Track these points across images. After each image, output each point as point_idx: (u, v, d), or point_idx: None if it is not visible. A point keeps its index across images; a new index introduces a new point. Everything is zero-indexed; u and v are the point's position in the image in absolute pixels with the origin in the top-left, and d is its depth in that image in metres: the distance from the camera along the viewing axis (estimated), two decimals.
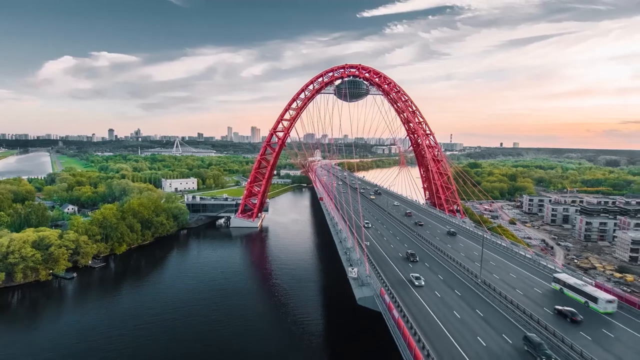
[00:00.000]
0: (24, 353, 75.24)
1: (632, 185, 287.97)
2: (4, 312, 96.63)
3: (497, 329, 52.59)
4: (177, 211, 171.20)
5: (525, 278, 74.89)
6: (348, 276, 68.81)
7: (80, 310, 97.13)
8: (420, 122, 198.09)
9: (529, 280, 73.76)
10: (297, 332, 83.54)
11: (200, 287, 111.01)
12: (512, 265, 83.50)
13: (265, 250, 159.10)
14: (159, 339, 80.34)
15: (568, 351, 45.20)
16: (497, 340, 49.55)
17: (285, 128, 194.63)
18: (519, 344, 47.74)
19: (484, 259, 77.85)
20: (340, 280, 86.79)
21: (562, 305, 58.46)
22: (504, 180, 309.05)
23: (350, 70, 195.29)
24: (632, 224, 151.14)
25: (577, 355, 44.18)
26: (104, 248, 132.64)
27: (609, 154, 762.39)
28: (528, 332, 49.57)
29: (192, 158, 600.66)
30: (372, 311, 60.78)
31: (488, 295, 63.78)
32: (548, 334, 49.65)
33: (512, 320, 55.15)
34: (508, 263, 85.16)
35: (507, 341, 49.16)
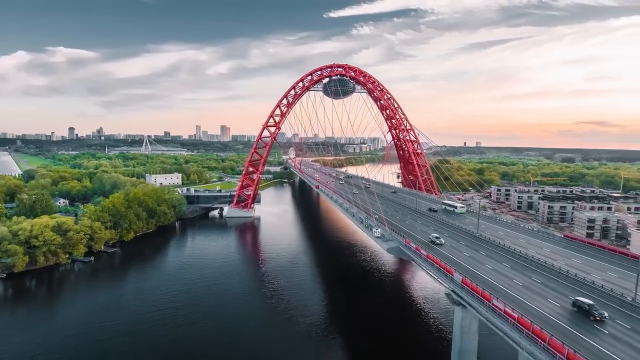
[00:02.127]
0: (78, 323, 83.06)
1: (586, 177, 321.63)
2: (40, 291, 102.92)
3: (498, 260, 67.87)
4: (175, 202, 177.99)
5: (505, 229, 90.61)
6: (373, 236, 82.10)
7: (111, 287, 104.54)
8: (402, 118, 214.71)
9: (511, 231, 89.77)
10: (301, 292, 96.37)
11: (217, 265, 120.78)
12: (497, 227, 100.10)
13: (266, 236, 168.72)
14: (186, 308, 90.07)
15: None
16: (500, 266, 64.56)
17: (276, 123, 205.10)
18: (510, 265, 63.95)
19: (475, 224, 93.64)
20: (331, 255, 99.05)
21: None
22: (472, 174, 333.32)
23: (338, 70, 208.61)
24: (588, 207, 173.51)
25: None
26: (114, 235, 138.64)
27: (564, 152, 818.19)
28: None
29: (165, 156, 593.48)
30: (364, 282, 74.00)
31: (492, 246, 79.18)
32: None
33: (504, 255, 70.48)
34: (494, 225, 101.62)
35: (505, 266, 64.79)
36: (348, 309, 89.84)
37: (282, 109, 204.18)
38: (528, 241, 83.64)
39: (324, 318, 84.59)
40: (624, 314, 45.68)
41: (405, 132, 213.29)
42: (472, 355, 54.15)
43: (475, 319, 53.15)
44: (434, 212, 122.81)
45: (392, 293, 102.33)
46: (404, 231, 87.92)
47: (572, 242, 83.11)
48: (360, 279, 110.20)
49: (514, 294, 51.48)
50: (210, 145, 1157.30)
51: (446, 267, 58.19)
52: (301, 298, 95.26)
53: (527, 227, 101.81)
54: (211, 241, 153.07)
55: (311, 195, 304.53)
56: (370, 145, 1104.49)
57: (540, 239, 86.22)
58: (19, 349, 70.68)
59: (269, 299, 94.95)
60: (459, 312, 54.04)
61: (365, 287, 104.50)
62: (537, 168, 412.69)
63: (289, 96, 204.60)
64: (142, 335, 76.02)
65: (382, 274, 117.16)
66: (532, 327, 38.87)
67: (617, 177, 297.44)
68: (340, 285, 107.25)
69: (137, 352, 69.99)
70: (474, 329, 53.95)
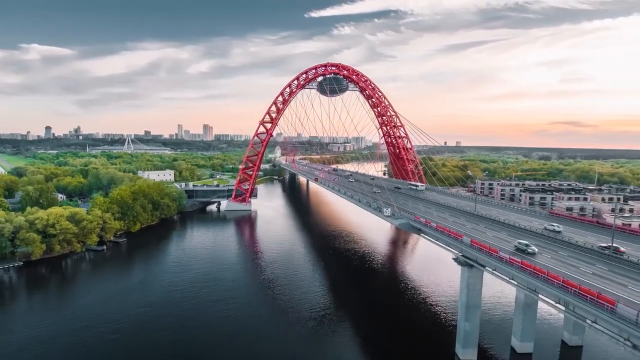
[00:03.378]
0: (113, 301, 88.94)
1: (563, 172, 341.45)
2: (63, 277, 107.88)
3: (497, 230, 77.24)
4: (176, 195, 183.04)
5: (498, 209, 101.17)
6: (383, 216, 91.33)
7: (129, 273, 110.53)
8: (392, 115, 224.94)
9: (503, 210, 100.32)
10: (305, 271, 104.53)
11: (227, 253, 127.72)
12: (491, 207, 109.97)
13: (267, 227, 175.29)
14: (199, 289, 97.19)
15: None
16: (498, 234, 74.11)
17: (272, 119, 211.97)
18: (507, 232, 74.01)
19: (465, 205, 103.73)
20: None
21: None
22: (456, 170, 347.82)
23: (331, 69, 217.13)
24: (565, 198, 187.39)
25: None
26: (122, 226, 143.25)
27: (541, 151, 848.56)
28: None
29: (149, 155, 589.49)
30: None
31: (490, 221, 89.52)
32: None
33: (500, 226, 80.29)
34: (488, 207, 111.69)
35: (503, 234, 74.48)
36: (342, 282, 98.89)
37: (278, 105, 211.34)
38: (518, 217, 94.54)
39: (322, 291, 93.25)
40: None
41: (395, 128, 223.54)
42: (477, 309, 63.41)
43: (480, 277, 62.49)
44: (398, 190, 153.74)
45: (385, 269, 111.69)
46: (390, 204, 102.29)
47: (557, 217, 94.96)
48: (354, 258, 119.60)
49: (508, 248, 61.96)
50: (193, 145, 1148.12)
51: (457, 233, 67.75)
52: (303, 275, 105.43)
53: (517, 207, 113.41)
54: (217, 232, 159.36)
55: (301, 191, 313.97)
56: (354, 145, 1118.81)
57: (528, 216, 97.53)
58: (55, 327, 76.35)
59: (277, 279, 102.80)
60: (465, 272, 63.18)
61: (358, 264, 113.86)
62: (516, 165, 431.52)
63: (285, 93, 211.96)
64: (172, 306, 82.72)
65: (374, 253, 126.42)
66: (533, 267, 48.51)
67: (591, 172, 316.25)
68: (335, 262, 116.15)
69: (177, 315, 76.75)
70: (478, 286, 63.16)
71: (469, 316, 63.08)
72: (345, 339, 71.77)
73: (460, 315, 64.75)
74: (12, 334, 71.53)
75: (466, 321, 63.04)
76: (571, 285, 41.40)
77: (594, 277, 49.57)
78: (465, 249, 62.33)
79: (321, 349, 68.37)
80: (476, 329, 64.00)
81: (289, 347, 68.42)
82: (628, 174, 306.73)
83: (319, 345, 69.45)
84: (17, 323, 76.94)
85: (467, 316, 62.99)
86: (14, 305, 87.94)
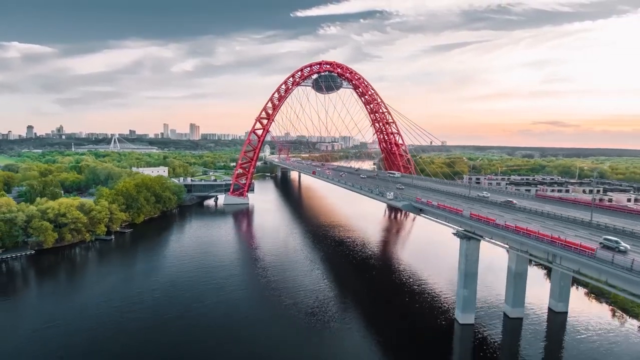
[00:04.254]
0: (126, 285, 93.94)
1: (546, 168, 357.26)
2: (77, 264, 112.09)
3: (491, 208, 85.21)
4: (177, 189, 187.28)
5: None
6: (387, 199, 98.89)
7: (138, 260, 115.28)
8: (384, 112, 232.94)
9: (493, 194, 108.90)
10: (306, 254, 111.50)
11: (230, 242, 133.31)
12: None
13: (266, 219, 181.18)
14: (206, 273, 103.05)
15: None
16: (493, 210, 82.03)
17: (269, 115, 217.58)
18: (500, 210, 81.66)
19: (459, 191, 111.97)
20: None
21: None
22: (444, 167, 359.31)
23: (326, 67, 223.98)
24: (548, 190, 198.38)
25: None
26: (127, 217, 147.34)
27: (524, 150, 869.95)
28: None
29: (137, 154, 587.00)
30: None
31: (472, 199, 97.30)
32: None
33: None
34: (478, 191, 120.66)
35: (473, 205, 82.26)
36: (340, 263, 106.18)
37: (274, 102, 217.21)
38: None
39: (322, 269, 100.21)
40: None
41: (388, 125, 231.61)
42: (474, 277, 70.95)
43: (477, 248, 70.18)
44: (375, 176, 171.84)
45: (380, 252, 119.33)
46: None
47: (543, 199, 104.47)
48: (349, 242, 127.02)
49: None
50: (180, 144, 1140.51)
51: (457, 209, 75.48)
52: (303, 258, 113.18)
53: (504, 191, 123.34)
54: (219, 224, 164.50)
55: (293, 186, 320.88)
56: (342, 144, 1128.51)
57: (518, 198, 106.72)
58: (82, 305, 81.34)
59: (279, 263, 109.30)
60: (463, 244, 70.72)
61: (353, 248, 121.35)
62: (501, 162, 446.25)
63: (281, 90, 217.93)
64: (183, 287, 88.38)
65: (367, 238, 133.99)
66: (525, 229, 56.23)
67: (573, 167, 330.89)
68: (333, 246, 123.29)
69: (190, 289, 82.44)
70: (475, 256, 70.73)
71: (467, 284, 70.61)
72: (349, 312, 78.61)
73: (459, 283, 72.26)
74: (50, 313, 76.29)
75: (464, 288, 70.57)
76: (557, 240, 49.15)
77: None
78: (464, 221, 69.96)
79: (325, 318, 74.94)
80: (474, 296, 71.63)
81: (287, 311, 74.87)
82: (608, 170, 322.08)
83: (322, 315, 76.05)
84: (47, 305, 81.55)
85: (466, 284, 70.51)
86: (38, 289, 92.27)
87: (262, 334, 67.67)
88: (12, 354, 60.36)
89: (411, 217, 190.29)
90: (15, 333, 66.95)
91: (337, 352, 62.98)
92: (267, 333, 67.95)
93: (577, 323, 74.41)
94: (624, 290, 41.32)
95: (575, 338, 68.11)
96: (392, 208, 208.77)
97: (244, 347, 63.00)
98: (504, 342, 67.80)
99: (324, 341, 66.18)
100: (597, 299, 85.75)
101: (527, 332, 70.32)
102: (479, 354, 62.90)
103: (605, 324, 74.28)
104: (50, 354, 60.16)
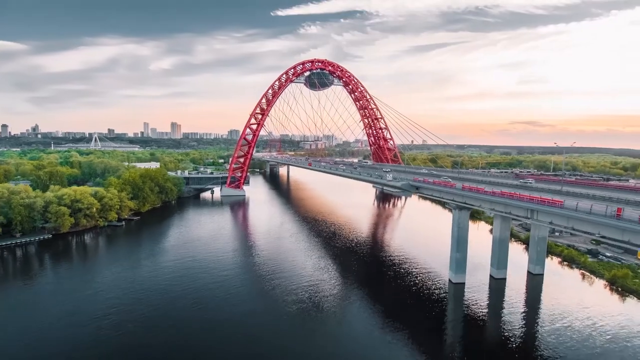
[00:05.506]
0: (147, 261, 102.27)
1: (522, 163, 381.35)
2: (96, 246, 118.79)
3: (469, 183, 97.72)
4: (177, 181, 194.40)
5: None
6: (386, 181, 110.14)
7: (151, 242, 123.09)
8: (373, 108, 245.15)
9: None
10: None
11: (231, 229, 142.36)
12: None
13: (263, 209, 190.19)
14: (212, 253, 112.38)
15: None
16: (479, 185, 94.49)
17: (263, 110, 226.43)
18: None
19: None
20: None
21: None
22: (427, 162, 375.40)
23: (318, 64, 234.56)
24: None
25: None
26: (135, 206, 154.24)
27: (502, 149, 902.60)
28: None
29: (121, 152, 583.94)
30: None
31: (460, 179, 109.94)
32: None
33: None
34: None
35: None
36: (336, 242, 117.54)
37: (268, 97, 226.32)
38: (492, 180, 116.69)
39: (320, 245, 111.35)
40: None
41: (377, 120, 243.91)
42: (465, 242, 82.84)
43: (467, 217, 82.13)
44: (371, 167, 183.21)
45: (372, 233, 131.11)
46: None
47: (520, 178, 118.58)
48: (342, 226, 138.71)
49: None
50: (162, 142, 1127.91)
51: (451, 183, 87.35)
52: (302, 239, 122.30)
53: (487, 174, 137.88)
54: (219, 213, 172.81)
55: (282, 181, 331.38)
56: (325, 142, 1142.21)
57: (498, 179, 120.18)
58: (107, 280, 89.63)
59: (278, 245, 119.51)
60: (456, 213, 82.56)
61: (346, 231, 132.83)
62: (481, 158, 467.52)
63: (275, 86, 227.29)
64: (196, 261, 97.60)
65: (358, 222, 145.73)
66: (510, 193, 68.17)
67: (548, 162, 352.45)
68: (327, 229, 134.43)
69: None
70: (466, 224, 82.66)
71: (459, 248, 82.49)
72: (349, 280, 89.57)
73: (452, 248, 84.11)
74: (99, 281, 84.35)
75: (457, 252, 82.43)
76: (534, 198, 61.30)
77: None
78: (457, 192, 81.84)
79: (326, 285, 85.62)
80: (464, 259, 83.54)
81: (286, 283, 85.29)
82: (580, 163, 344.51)
83: (323, 283, 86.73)
84: (78, 280, 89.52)
85: (458, 248, 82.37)
86: (71, 266, 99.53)
87: (266, 293, 77.90)
88: (82, 307, 68.68)
89: (399, 205, 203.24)
90: (73, 296, 75.19)
91: (342, 313, 73.57)
92: (269, 294, 78.17)
93: (551, 283, 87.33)
94: (587, 232, 53.46)
95: (549, 294, 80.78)
96: (381, 197, 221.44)
97: (245, 302, 73.11)
98: (490, 298, 79.70)
99: (327, 301, 76.81)
100: (569, 265, 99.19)
101: (510, 290, 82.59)
102: (469, 307, 74.57)
103: (576, 283, 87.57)
104: (118, 307, 68.82)
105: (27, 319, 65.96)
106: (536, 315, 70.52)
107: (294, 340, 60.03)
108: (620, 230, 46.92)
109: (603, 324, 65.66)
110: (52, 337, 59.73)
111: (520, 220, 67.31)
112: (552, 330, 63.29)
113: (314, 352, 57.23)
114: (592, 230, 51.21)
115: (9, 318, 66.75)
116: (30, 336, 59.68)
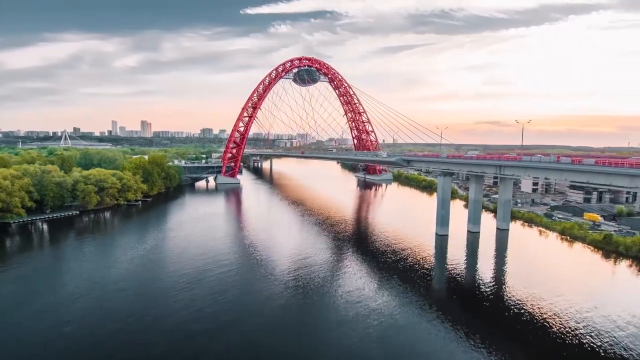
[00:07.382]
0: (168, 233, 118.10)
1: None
2: (123, 219, 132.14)
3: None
4: (178, 169, 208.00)
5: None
6: (381, 158, 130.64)
7: (169, 215, 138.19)
8: (356, 103, 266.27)
9: None
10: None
11: (232, 210, 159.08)
12: None
13: (258, 195, 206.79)
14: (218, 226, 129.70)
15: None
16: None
17: (255, 104, 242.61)
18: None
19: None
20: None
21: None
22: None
23: (305, 62, 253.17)
24: None
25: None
26: (146, 188, 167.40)
27: (469, 148, 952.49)
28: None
29: (94, 149, 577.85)
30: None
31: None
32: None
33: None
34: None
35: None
36: (329, 221, 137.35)
37: (259, 91, 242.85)
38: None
39: (316, 222, 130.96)
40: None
41: (359, 114, 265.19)
42: (447, 202, 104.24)
43: (449, 181, 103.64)
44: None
45: (360, 211, 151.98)
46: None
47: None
48: (331, 207, 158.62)
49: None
50: (133, 141, 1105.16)
51: (437, 154, 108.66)
52: (298, 219, 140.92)
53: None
54: (221, 198, 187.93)
55: (266, 173, 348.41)
56: (300, 141, 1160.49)
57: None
58: (139, 246, 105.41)
59: (275, 226, 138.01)
60: (441, 179, 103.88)
61: (335, 211, 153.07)
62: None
63: (265, 81, 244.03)
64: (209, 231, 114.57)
65: (345, 203, 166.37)
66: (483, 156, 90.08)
67: None
68: (320, 209, 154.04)
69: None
70: (449, 188, 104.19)
71: (444, 206, 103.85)
72: (346, 244, 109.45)
73: (437, 206, 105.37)
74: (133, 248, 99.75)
75: (442, 209, 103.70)
76: (502, 157, 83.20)
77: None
78: (443, 161, 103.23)
79: (322, 246, 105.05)
80: (448, 215, 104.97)
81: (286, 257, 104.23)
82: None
83: (322, 246, 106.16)
84: (118, 247, 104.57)
85: (443, 206, 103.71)
86: (103, 238, 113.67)
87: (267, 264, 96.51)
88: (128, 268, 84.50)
89: (381, 191, 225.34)
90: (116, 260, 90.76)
91: (341, 272, 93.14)
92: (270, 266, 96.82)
93: (516, 235, 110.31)
94: (538, 177, 75.47)
95: (515, 242, 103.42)
96: (363, 185, 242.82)
97: (244, 274, 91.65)
98: (467, 245, 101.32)
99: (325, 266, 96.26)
100: (529, 225, 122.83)
101: (483, 240, 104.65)
102: (451, 251, 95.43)
103: (534, 235, 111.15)
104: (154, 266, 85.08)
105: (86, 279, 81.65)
106: (505, 257, 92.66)
107: (291, 299, 63.20)
108: (560, 172, 68.64)
109: (556, 258, 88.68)
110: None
111: (492, 174, 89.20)
112: (519, 265, 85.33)
113: (311, 307, 62.36)
114: (541, 175, 72.99)
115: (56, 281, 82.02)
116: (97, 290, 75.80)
